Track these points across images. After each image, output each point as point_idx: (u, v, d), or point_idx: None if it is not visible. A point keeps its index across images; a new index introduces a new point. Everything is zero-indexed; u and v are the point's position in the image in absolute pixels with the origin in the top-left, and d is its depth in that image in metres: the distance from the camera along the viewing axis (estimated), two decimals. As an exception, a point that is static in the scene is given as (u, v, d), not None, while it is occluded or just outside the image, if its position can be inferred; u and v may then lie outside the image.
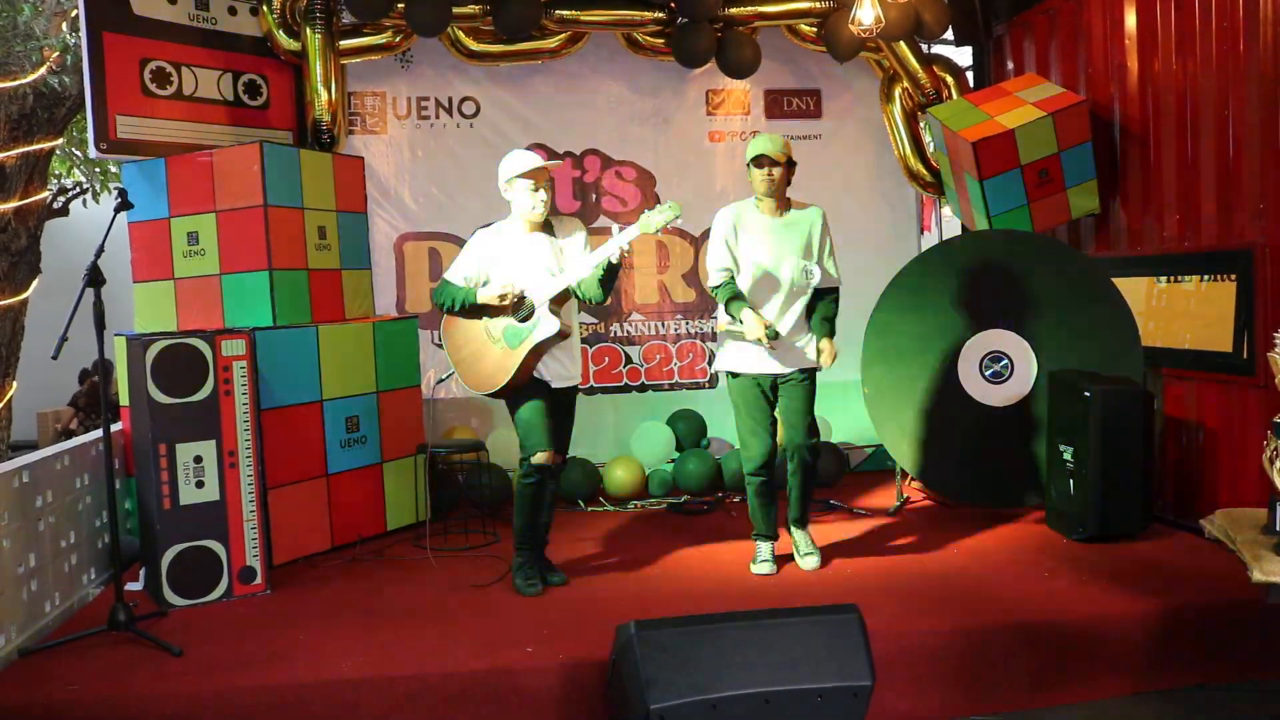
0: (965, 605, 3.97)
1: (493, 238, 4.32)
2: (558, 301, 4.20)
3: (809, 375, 4.45)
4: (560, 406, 4.34)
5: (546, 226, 4.34)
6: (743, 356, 4.40)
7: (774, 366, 4.39)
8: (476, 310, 4.28)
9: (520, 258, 4.25)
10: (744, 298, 4.31)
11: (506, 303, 4.20)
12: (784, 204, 4.42)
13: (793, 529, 4.65)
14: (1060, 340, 5.15)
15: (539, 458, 4.20)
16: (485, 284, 4.27)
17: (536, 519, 4.35)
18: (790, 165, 4.37)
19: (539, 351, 4.20)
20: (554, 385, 4.29)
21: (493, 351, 4.25)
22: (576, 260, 4.25)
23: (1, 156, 6.40)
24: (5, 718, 3.30)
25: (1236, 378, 4.67)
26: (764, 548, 4.55)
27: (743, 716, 3.10)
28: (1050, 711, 3.69)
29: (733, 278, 4.36)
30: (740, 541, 4.99)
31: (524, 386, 4.24)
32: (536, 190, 4.21)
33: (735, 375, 4.45)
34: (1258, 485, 4.28)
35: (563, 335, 4.20)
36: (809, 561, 4.53)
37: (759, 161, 4.33)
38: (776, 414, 4.49)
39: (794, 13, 6.20)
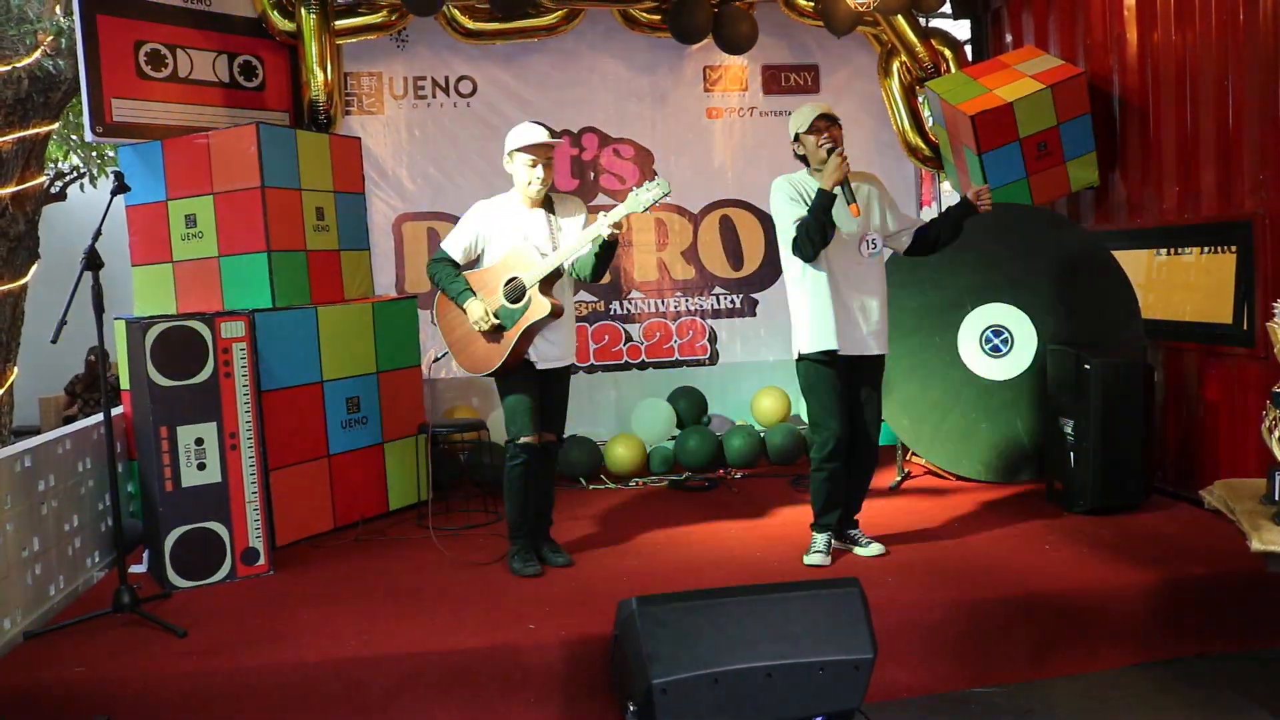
0: (966, 578, 3.98)
1: (491, 210, 4.28)
2: (548, 281, 4.12)
3: (882, 361, 4.31)
4: (551, 387, 4.31)
5: (547, 203, 4.30)
6: (828, 337, 4.14)
7: (857, 348, 4.19)
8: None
9: (515, 235, 4.19)
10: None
11: (481, 329, 4.15)
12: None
13: (846, 532, 4.44)
14: (1060, 313, 5.15)
15: (523, 439, 4.20)
16: (479, 257, 4.25)
17: (527, 504, 4.30)
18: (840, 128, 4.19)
19: (531, 333, 4.15)
20: (539, 366, 4.23)
21: (486, 333, 4.21)
22: (568, 240, 4.19)
23: (-2, 141, 6.38)
24: (12, 699, 3.32)
25: (1236, 349, 4.67)
26: (821, 539, 4.31)
27: (745, 690, 3.11)
28: (1052, 683, 3.70)
29: None
30: (742, 517, 5.02)
31: (514, 369, 4.21)
32: (535, 166, 4.17)
33: (809, 358, 4.21)
34: (1257, 455, 4.29)
35: (555, 315, 4.12)
36: (874, 549, 4.35)
37: (816, 126, 4.13)
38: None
39: (790, -13, 6.17)
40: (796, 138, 4.23)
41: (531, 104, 6.34)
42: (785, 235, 4.18)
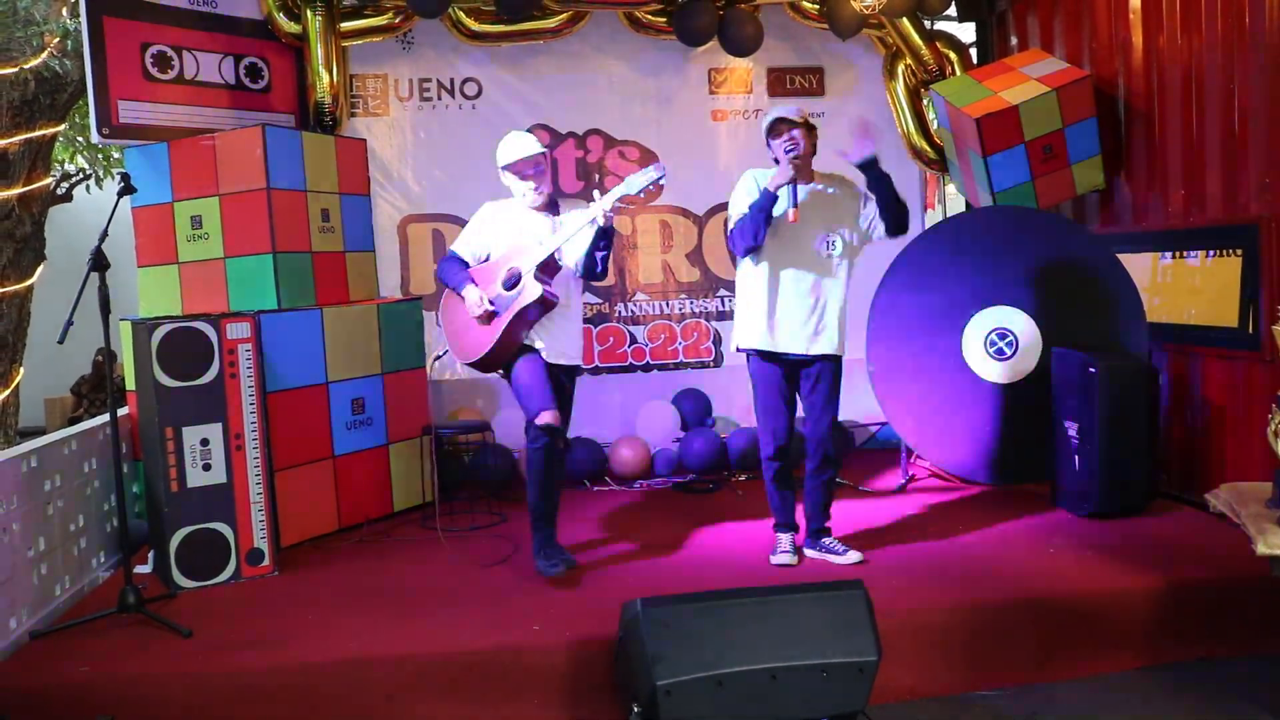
0: (971, 581, 3.98)
1: (497, 212, 4.35)
2: (545, 270, 4.14)
3: (834, 364, 4.26)
4: (558, 385, 4.28)
5: (553, 208, 4.34)
6: (761, 334, 4.18)
7: (794, 346, 4.20)
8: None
9: (516, 234, 4.24)
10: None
11: (475, 315, 4.17)
12: (809, 174, 4.22)
13: (819, 541, 4.36)
14: (1065, 316, 5.14)
15: (544, 418, 4.10)
16: (488, 256, 4.29)
17: (551, 490, 4.25)
18: (811, 130, 4.18)
19: (523, 319, 4.14)
20: (547, 360, 4.24)
21: (480, 321, 4.24)
22: (564, 227, 4.20)
23: (4, 143, 6.39)
24: (19, 698, 3.33)
25: (1242, 352, 4.67)
26: (784, 539, 4.35)
27: (748, 692, 3.12)
28: (1055, 686, 3.70)
29: None
30: (746, 520, 5.02)
31: (515, 354, 4.22)
32: (524, 179, 4.23)
33: (753, 352, 4.26)
34: (1263, 459, 4.28)
35: (546, 303, 4.11)
36: (851, 557, 4.26)
37: (776, 129, 4.15)
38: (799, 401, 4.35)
39: (796, -11, 6.19)
40: (767, 140, 4.26)
41: (537, 106, 6.35)
42: (731, 218, 4.25)
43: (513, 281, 4.17)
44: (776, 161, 4.24)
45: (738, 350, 4.33)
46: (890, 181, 4.13)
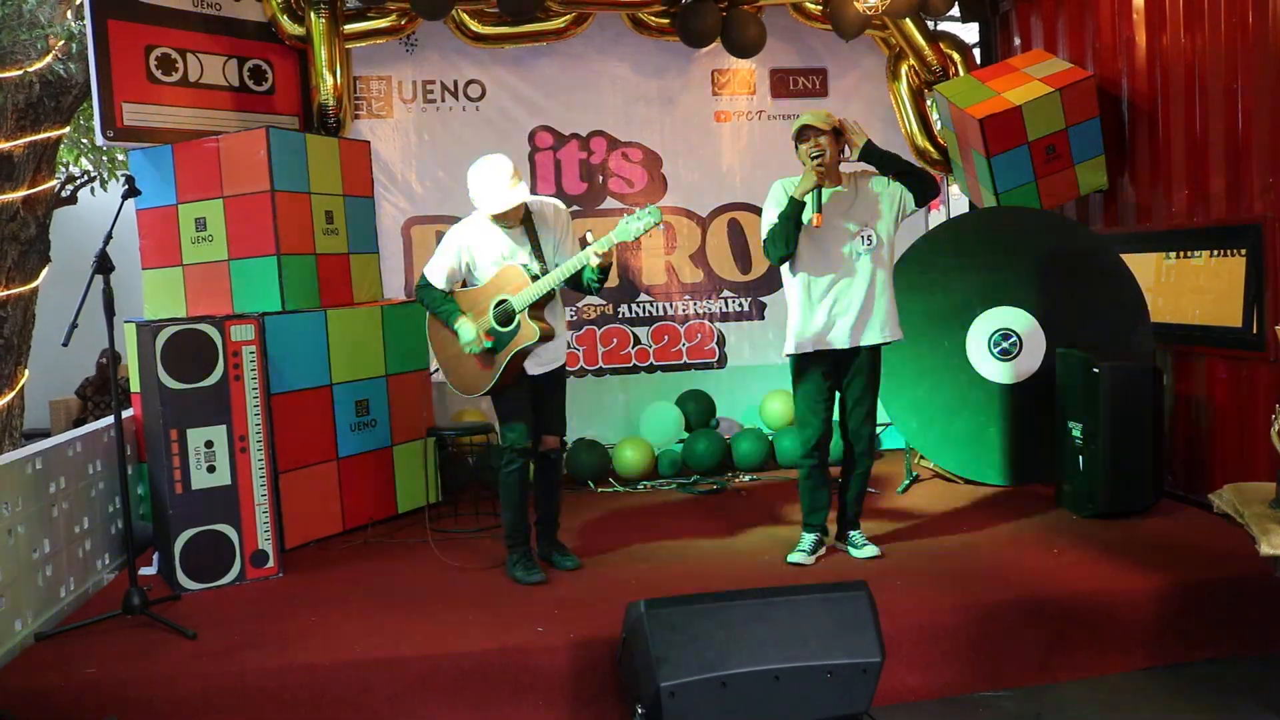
0: (975, 582, 3.98)
1: (469, 233, 4.21)
2: (538, 306, 4.10)
3: (877, 354, 4.32)
4: (547, 391, 4.30)
5: (526, 217, 4.19)
6: (811, 339, 4.22)
7: (840, 340, 4.23)
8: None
9: (498, 257, 4.14)
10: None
11: (474, 352, 4.13)
12: (836, 178, 4.24)
13: (844, 533, 4.50)
14: (1069, 317, 5.14)
15: (517, 445, 4.20)
16: (467, 279, 4.22)
17: (524, 510, 4.28)
18: (837, 135, 4.19)
19: (521, 357, 4.13)
20: (531, 373, 4.21)
21: (476, 355, 4.18)
22: (559, 258, 4.13)
23: (9, 146, 6.41)
24: (23, 700, 3.33)
25: (1246, 353, 4.66)
26: (808, 539, 4.38)
27: (753, 694, 3.11)
28: (1060, 687, 3.70)
29: None
30: (750, 521, 5.01)
31: (506, 387, 4.21)
32: (502, 222, 4.11)
33: (798, 356, 4.29)
34: (1267, 459, 4.26)
35: (544, 339, 4.09)
36: (868, 551, 4.38)
37: (803, 135, 4.17)
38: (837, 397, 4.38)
39: (799, -10, 6.18)
40: (795, 146, 4.27)
41: (540, 107, 6.36)
42: (763, 230, 4.28)
43: (506, 317, 4.10)
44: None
45: (786, 356, 4.34)
46: (896, 156, 4.27)
